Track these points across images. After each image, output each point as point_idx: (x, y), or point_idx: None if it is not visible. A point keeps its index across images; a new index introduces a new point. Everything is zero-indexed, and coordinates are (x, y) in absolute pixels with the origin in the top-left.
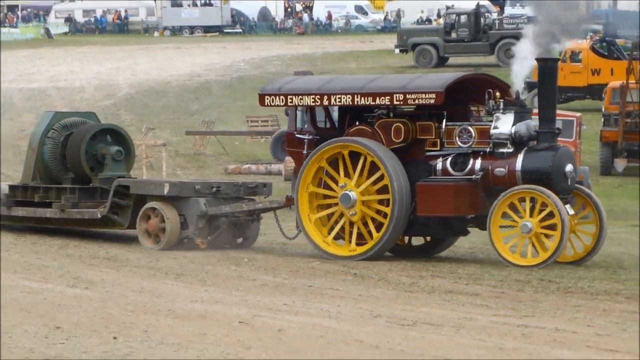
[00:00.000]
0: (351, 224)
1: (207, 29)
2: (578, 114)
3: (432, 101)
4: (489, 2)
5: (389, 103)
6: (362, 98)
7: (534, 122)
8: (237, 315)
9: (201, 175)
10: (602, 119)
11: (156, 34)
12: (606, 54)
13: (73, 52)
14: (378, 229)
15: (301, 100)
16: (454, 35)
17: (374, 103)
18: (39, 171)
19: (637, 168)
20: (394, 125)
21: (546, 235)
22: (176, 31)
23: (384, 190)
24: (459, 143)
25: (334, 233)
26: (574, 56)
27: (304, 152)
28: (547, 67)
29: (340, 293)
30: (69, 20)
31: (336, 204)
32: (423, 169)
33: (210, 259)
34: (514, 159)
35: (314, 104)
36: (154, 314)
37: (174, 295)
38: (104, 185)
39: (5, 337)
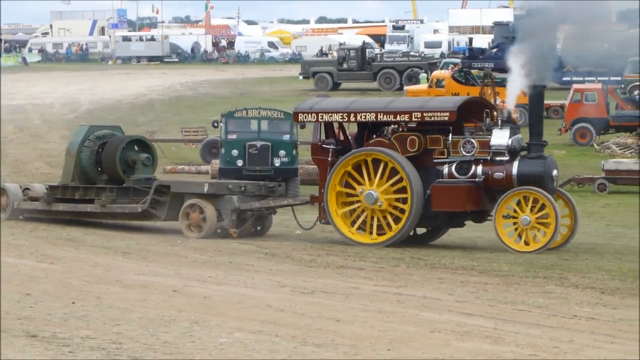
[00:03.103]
0: (372, 217)
1: (151, 59)
2: None
3: (446, 118)
4: (372, 40)
5: (408, 120)
6: (385, 116)
7: (522, 136)
8: (172, 285)
9: None
10: None
11: (110, 62)
12: (463, 81)
13: (45, 76)
14: (396, 222)
15: (331, 117)
16: (345, 65)
17: (394, 120)
18: (77, 174)
19: None
20: (409, 137)
21: (541, 225)
22: (126, 60)
23: (400, 190)
24: (464, 152)
25: (357, 225)
26: (439, 83)
27: (329, 159)
28: (536, 92)
29: (254, 268)
30: (42, 51)
31: (358, 201)
32: (432, 173)
33: (151, 240)
34: (510, 165)
35: (342, 120)
36: (105, 284)
37: (122, 269)
38: (137, 185)
39: None
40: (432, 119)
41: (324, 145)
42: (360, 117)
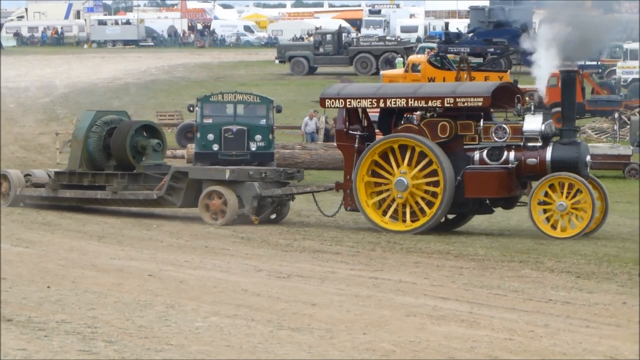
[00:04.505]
0: (403, 205)
1: (126, 43)
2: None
3: (480, 104)
4: (348, 25)
5: (440, 105)
6: (416, 101)
7: (552, 121)
8: (147, 269)
9: None
10: None
11: (86, 46)
12: (439, 65)
13: (20, 60)
14: (429, 206)
15: (359, 103)
16: (321, 50)
17: (426, 105)
18: (84, 160)
19: None
20: (440, 123)
21: (576, 211)
22: (102, 44)
23: (429, 174)
24: (495, 138)
25: (389, 214)
26: (415, 67)
27: (355, 145)
28: (568, 76)
29: (230, 252)
30: (17, 35)
31: (387, 190)
32: (462, 159)
33: (127, 224)
34: (544, 151)
35: (370, 105)
36: (80, 268)
37: (97, 253)
38: (147, 172)
39: None
40: (465, 104)
41: (349, 132)
42: (390, 102)
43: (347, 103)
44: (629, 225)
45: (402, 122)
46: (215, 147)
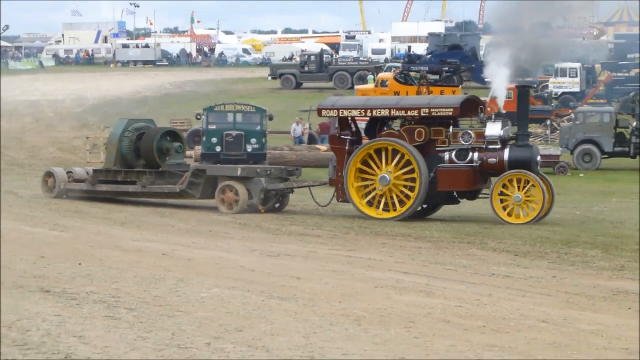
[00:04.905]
0: (381, 195)
1: (145, 63)
2: None
3: (451, 113)
4: (328, 48)
5: (417, 115)
6: (397, 111)
7: (510, 127)
8: (161, 250)
9: None
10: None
11: (112, 65)
12: (403, 81)
13: (57, 77)
14: (401, 204)
15: (350, 112)
16: (306, 68)
17: (405, 114)
18: (118, 159)
19: None
20: (417, 129)
21: (528, 202)
22: (125, 64)
23: (411, 179)
24: (462, 142)
25: (367, 199)
26: (383, 83)
27: (346, 148)
28: (523, 90)
29: (230, 235)
30: (55, 56)
31: (372, 180)
32: (434, 159)
33: (145, 212)
34: (502, 152)
35: (360, 115)
36: (106, 249)
37: (120, 236)
38: (172, 169)
39: (9, 262)
40: (438, 113)
41: (342, 137)
42: (376, 112)
43: (340, 112)
44: (558, 212)
45: (385, 129)
46: (218, 149)
